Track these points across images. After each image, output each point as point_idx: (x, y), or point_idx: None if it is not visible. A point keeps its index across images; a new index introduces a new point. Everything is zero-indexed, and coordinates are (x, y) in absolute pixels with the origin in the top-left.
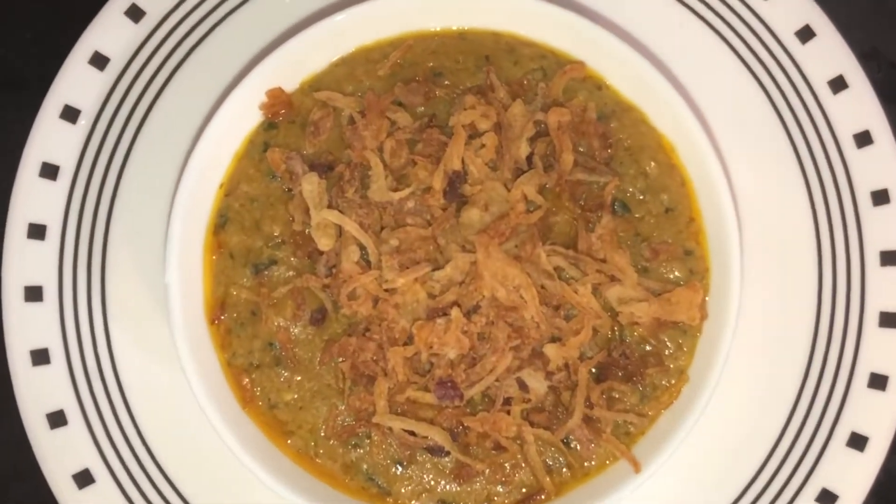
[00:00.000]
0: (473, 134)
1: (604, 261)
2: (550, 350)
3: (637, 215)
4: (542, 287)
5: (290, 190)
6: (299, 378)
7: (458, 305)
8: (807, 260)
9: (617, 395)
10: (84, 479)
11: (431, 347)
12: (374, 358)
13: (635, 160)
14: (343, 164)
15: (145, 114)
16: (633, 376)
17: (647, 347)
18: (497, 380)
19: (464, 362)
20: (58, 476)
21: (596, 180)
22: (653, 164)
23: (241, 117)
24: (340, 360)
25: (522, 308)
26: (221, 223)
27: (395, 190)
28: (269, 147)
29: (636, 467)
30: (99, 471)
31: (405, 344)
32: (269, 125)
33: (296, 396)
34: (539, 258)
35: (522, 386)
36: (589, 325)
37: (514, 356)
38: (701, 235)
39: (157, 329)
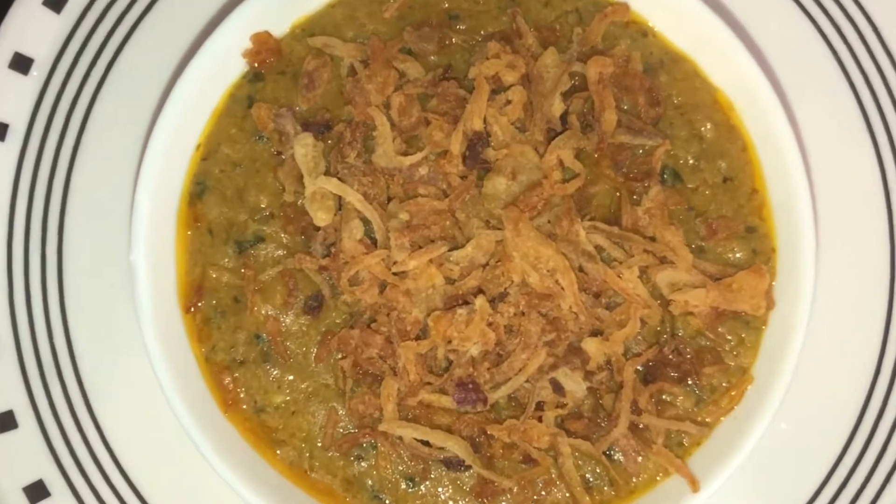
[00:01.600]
0: (497, 88)
1: (652, 239)
2: (590, 345)
3: (690, 186)
4: (581, 270)
5: (279, 153)
6: (291, 377)
7: (483, 292)
8: (881, 239)
9: (668, 399)
10: (37, 491)
11: (450, 342)
12: (381, 354)
13: (688, 120)
14: (343, 122)
15: (109, 63)
16: (688, 376)
17: (704, 342)
18: (527, 381)
19: (488, 360)
20: (6, 488)
21: (642, 144)
22: (708, 124)
23: (222, 67)
24: (340, 356)
25: (558, 296)
26: (198, 192)
27: (405, 154)
28: (255, 102)
29: (694, 486)
30: (55, 482)
31: (418, 338)
32: (254, 76)
33: (287, 399)
34: (577, 236)
35: (557, 388)
36: (636, 315)
37: (548, 353)
38: (765, 209)
39: (122, 317)
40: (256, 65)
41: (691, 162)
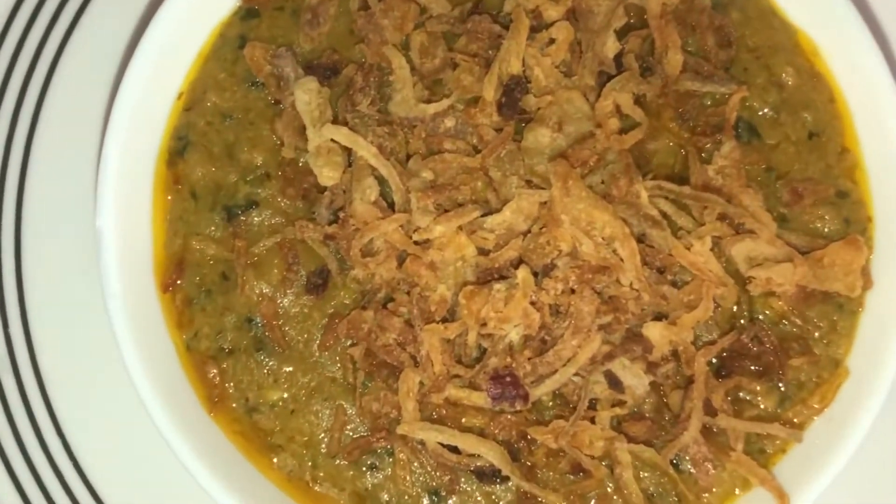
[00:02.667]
0: (539, 24)
1: (728, 203)
2: (654, 331)
3: (770, 142)
4: (640, 241)
5: (277, 102)
6: (290, 369)
7: (525, 264)
8: None
9: (747, 397)
10: None
11: (484, 325)
12: (400, 340)
13: (764, 65)
14: (353, 65)
15: (80, 8)
16: (770, 370)
17: (789, 328)
18: (578, 373)
19: (529, 347)
20: None
21: (712, 92)
22: (790, 70)
23: (208, 1)
24: (350, 343)
25: (616, 269)
26: (179, 149)
27: (428, 102)
28: (248, 42)
29: (783, 500)
30: (10, 501)
31: (445, 320)
32: (247, 12)
33: (285, 396)
34: (638, 198)
35: (614, 382)
36: (708, 295)
37: (604, 339)
38: (858, 171)
39: (88, 298)
40: None
41: (770, 114)
